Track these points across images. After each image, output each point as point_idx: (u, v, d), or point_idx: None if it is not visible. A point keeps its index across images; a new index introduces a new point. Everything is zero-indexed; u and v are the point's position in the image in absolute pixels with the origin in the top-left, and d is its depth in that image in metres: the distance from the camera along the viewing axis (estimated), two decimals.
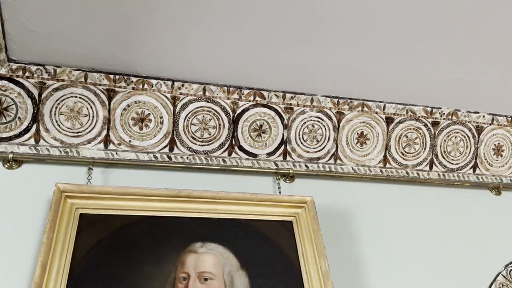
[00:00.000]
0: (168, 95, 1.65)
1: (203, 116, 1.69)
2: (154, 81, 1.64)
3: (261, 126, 1.76)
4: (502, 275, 1.71)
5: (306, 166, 1.81)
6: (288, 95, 1.77)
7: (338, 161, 1.85)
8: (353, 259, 1.65)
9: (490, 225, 1.88)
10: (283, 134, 1.79)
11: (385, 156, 1.89)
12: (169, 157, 1.65)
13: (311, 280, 1.42)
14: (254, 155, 1.76)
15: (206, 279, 1.35)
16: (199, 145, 1.69)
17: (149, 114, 1.64)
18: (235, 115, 1.72)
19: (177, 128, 1.67)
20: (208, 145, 1.70)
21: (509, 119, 1.98)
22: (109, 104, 1.62)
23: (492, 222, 1.89)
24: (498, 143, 1.98)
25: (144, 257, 1.36)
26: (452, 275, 1.69)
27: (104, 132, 1.62)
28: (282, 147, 1.79)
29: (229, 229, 1.48)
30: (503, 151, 1.99)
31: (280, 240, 1.51)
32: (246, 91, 1.72)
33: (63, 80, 1.57)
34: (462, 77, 1.80)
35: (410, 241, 1.74)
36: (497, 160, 1.99)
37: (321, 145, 1.83)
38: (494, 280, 1.69)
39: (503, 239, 1.84)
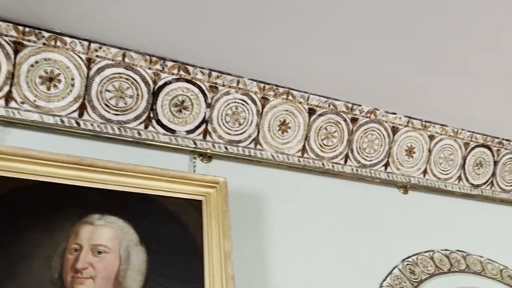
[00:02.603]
0: (83, 56, 1.54)
1: (120, 84, 1.60)
2: (68, 39, 1.52)
3: (183, 102, 1.71)
4: (398, 268, 1.81)
5: (226, 148, 1.78)
6: (214, 74, 1.73)
7: (258, 146, 1.85)
8: (261, 242, 1.66)
9: (395, 221, 1.97)
10: (205, 113, 1.74)
11: (304, 146, 1.91)
12: (78, 123, 1.55)
13: (212, 259, 1.40)
14: (172, 131, 1.70)
15: (100, 252, 1.29)
16: (113, 113, 1.60)
17: (59, 74, 1.52)
18: (156, 87, 1.65)
19: (89, 93, 1.56)
20: (123, 114, 1.61)
21: (424, 123, 2.08)
22: (15, 58, 1.48)
23: (397, 219, 1.99)
24: (411, 145, 2.09)
25: (34, 224, 1.26)
26: (353, 265, 1.76)
27: (6, 88, 1.48)
28: (203, 126, 1.75)
29: (134, 203, 1.42)
30: (414, 153, 2.10)
31: (187, 218, 1.48)
32: (170, 64, 1.65)
33: None
34: (384, 78, 1.87)
35: (318, 230, 1.78)
36: (408, 161, 2.09)
37: (243, 128, 1.82)
38: (390, 272, 1.78)
39: (404, 235, 1.94)
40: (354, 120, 1.97)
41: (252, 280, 1.54)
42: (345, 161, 1.98)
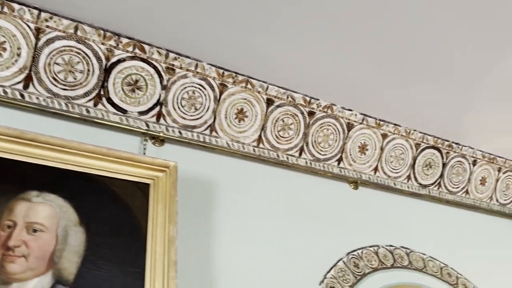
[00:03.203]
0: (32, 25, 1.46)
1: (70, 57, 1.53)
2: (16, 6, 1.43)
3: (136, 81, 1.66)
4: (343, 261, 1.84)
5: (180, 132, 1.75)
6: (171, 55, 1.68)
7: (214, 133, 1.83)
8: (209, 230, 1.64)
9: (343, 215, 2.01)
10: (160, 94, 1.70)
11: (260, 136, 1.91)
12: (22, 95, 1.47)
13: (156, 244, 1.38)
14: (124, 111, 1.65)
15: (35, 230, 1.23)
16: (60, 88, 1.53)
17: (4, 42, 1.44)
18: (109, 64, 1.59)
19: (36, 65, 1.48)
20: (71, 90, 1.54)
21: (378, 121, 2.13)
22: None
23: (346, 213, 2.02)
24: (364, 142, 2.13)
25: None
26: (300, 256, 1.77)
27: None
28: (157, 109, 1.71)
29: (76, 182, 1.37)
30: (367, 150, 2.14)
31: (132, 201, 1.44)
32: (125, 40, 1.59)
33: None
34: (342, 75, 1.88)
35: (268, 220, 1.78)
36: (360, 158, 2.13)
37: (199, 114, 1.79)
38: (335, 265, 1.81)
39: (352, 229, 1.98)
40: (311, 113, 1.99)
41: (196, 266, 1.53)
42: (300, 154, 2.00)
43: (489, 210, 2.52)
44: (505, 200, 2.60)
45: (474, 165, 2.42)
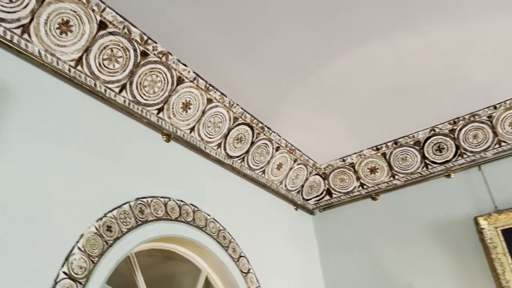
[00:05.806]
0: None
1: None
2: None
3: None
4: (130, 204, 1.85)
5: None
6: None
7: (26, 36, 1.59)
8: None
9: (147, 163, 2.00)
10: None
11: (81, 58, 1.75)
12: None
13: None
14: None
15: None
16: None
17: None
18: None
19: None
20: None
21: (208, 85, 2.18)
22: None
23: (150, 162, 2.02)
24: (190, 100, 2.16)
25: None
26: (86, 191, 1.69)
27: None
28: None
29: None
30: (189, 108, 2.18)
31: None
32: None
33: None
34: (188, 28, 1.87)
35: (61, 148, 1.65)
36: (181, 114, 2.16)
37: (13, 7, 1.53)
38: (119, 206, 1.79)
39: (150, 178, 1.99)
40: (144, 54, 1.91)
41: None
42: (120, 91, 1.91)
43: (277, 192, 2.88)
44: (292, 187, 3.00)
45: (276, 150, 2.72)
